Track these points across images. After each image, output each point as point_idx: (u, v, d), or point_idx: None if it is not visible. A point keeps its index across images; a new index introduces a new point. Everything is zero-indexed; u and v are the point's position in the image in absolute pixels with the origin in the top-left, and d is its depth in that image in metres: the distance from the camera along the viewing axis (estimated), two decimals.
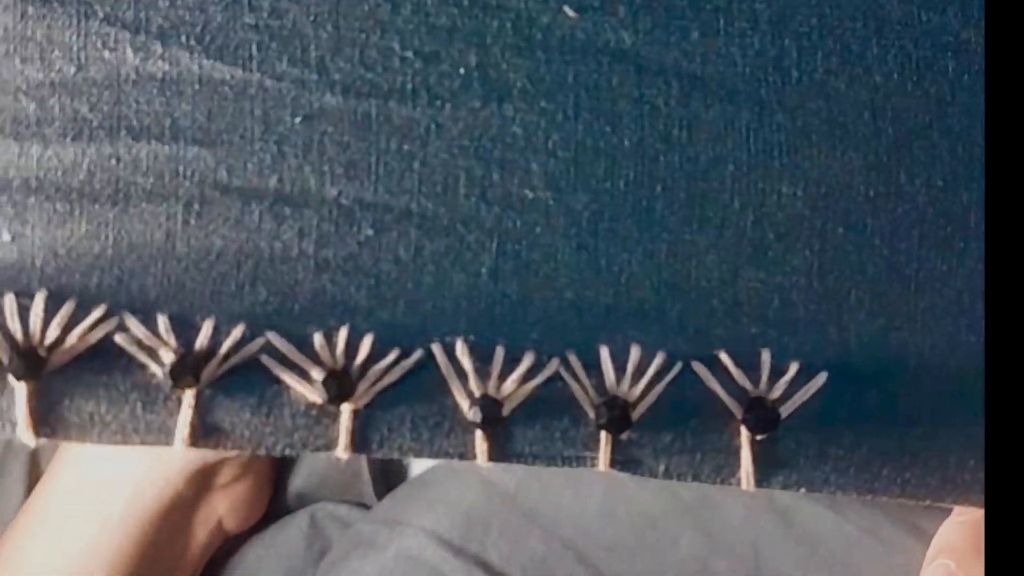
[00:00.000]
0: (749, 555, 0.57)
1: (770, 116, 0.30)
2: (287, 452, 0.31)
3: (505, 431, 0.30)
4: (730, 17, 0.30)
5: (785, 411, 0.31)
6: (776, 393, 0.31)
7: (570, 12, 0.30)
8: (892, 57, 0.31)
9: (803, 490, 0.31)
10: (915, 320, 0.31)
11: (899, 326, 0.31)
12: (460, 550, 0.58)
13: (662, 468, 0.31)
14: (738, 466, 0.31)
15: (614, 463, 0.31)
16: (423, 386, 0.30)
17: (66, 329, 0.30)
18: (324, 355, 0.30)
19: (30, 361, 0.30)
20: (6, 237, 0.30)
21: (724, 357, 0.31)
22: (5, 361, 0.30)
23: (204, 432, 0.30)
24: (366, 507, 0.63)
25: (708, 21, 0.30)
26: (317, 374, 0.30)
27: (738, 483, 0.31)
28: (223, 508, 0.59)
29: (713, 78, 0.30)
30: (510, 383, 0.30)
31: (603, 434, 0.30)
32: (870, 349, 0.31)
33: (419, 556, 0.59)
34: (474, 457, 0.31)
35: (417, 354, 0.30)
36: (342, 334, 0.30)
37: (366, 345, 0.30)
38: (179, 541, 0.59)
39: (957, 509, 0.40)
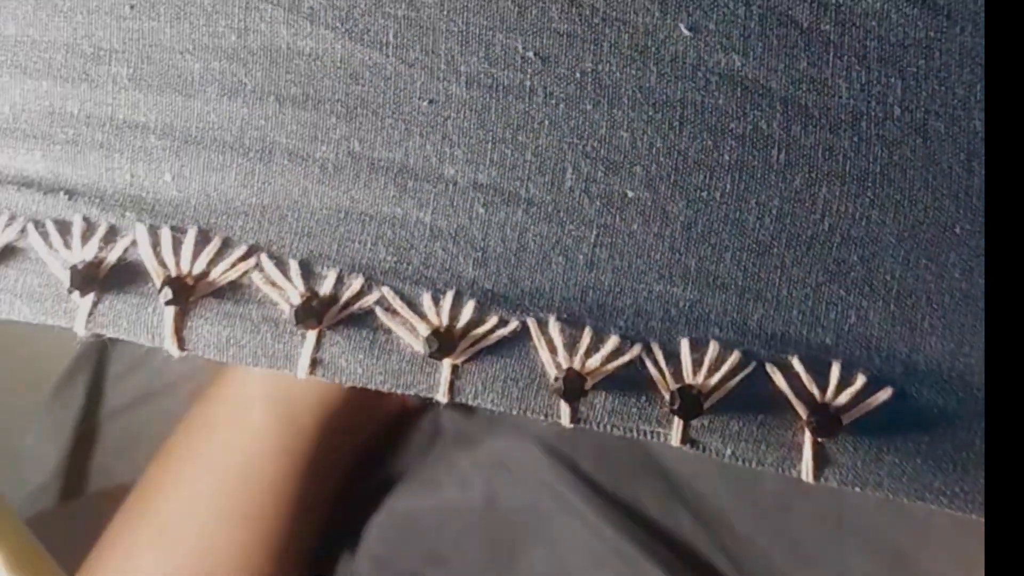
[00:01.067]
0: (832, 501, 0.59)
1: (868, 147, 0.32)
2: (393, 390, 0.35)
3: (587, 400, 0.33)
4: (840, 51, 0.32)
5: (847, 419, 0.33)
6: (842, 401, 0.33)
7: (685, 30, 0.32)
8: None
9: (857, 489, 0.34)
10: (982, 349, 0.32)
11: (967, 353, 0.32)
12: (553, 450, 0.62)
13: (729, 451, 0.34)
14: (799, 459, 0.33)
15: (685, 441, 0.34)
16: (517, 352, 0.33)
17: (211, 263, 0.34)
18: (430, 314, 0.34)
19: (179, 288, 0.34)
20: (168, 177, 0.34)
21: (796, 363, 0.33)
22: (158, 286, 0.34)
23: (322, 364, 0.34)
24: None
25: (818, 52, 0.32)
26: (423, 329, 0.33)
27: (798, 474, 0.34)
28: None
29: (817, 106, 0.32)
30: (594, 360, 0.33)
31: (675, 417, 0.33)
32: (936, 371, 0.32)
33: (511, 452, 0.63)
34: (558, 418, 0.34)
35: (513, 324, 0.33)
36: (448, 297, 0.33)
37: (468, 309, 0.33)
38: (358, 418, 0.65)
39: None
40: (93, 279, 0.34)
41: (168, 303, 0.34)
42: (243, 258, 0.34)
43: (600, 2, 0.32)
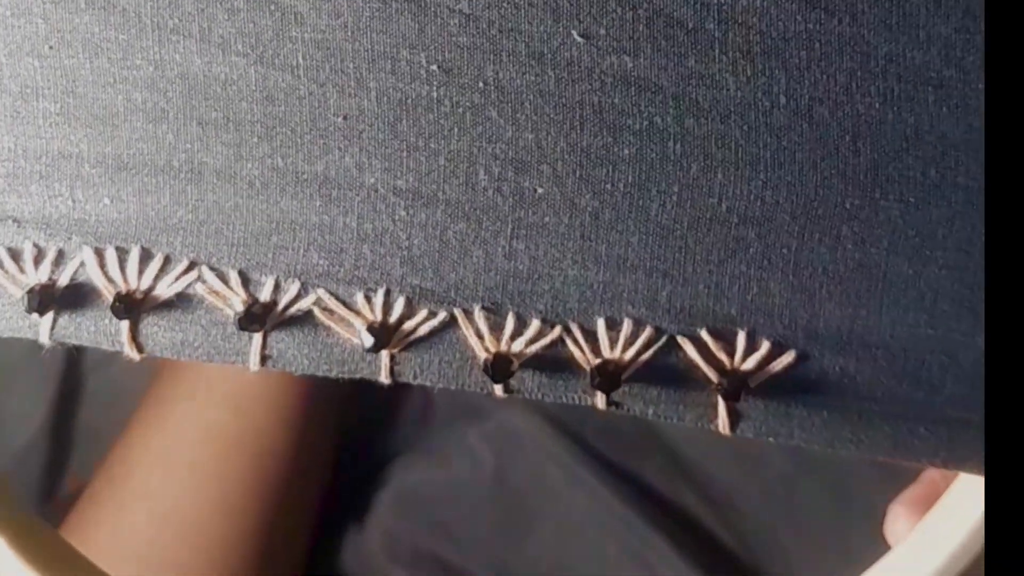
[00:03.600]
0: (836, 478, 0.62)
1: (758, 135, 0.33)
2: (339, 376, 0.37)
3: (517, 375, 0.36)
4: (725, 47, 0.33)
5: (754, 381, 0.35)
6: (748, 366, 0.35)
7: (577, 37, 0.33)
8: (875, 89, 0.33)
9: (771, 440, 0.37)
10: (879, 313, 0.35)
11: (864, 316, 0.35)
12: (561, 424, 0.64)
13: (650, 411, 0.36)
14: (716, 416, 0.36)
15: (609, 405, 0.36)
16: (447, 340, 0.36)
17: (156, 279, 0.37)
18: (364, 311, 0.36)
19: (129, 303, 0.36)
20: (107, 201, 0.36)
21: (704, 334, 0.35)
22: (109, 301, 0.37)
23: (272, 359, 0.37)
24: None
25: (704, 50, 0.33)
26: (359, 325, 0.36)
27: (715, 428, 0.37)
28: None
29: (707, 100, 0.33)
30: (519, 343, 0.36)
31: (596, 389, 0.36)
32: (836, 334, 0.35)
33: (520, 426, 0.65)
34: (492, 392, 0.36)
35: (441, 315, 0.36)
36: (379, 294, 0.36)
37: (399, 305, 0.36)
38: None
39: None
40: (50, 299, 0.37)
41: (120, 317, 0.36)
42: (185, 271, 0.36)
43: (495, 14, 0.34)
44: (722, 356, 0.35)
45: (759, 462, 0.63)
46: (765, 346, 0.35)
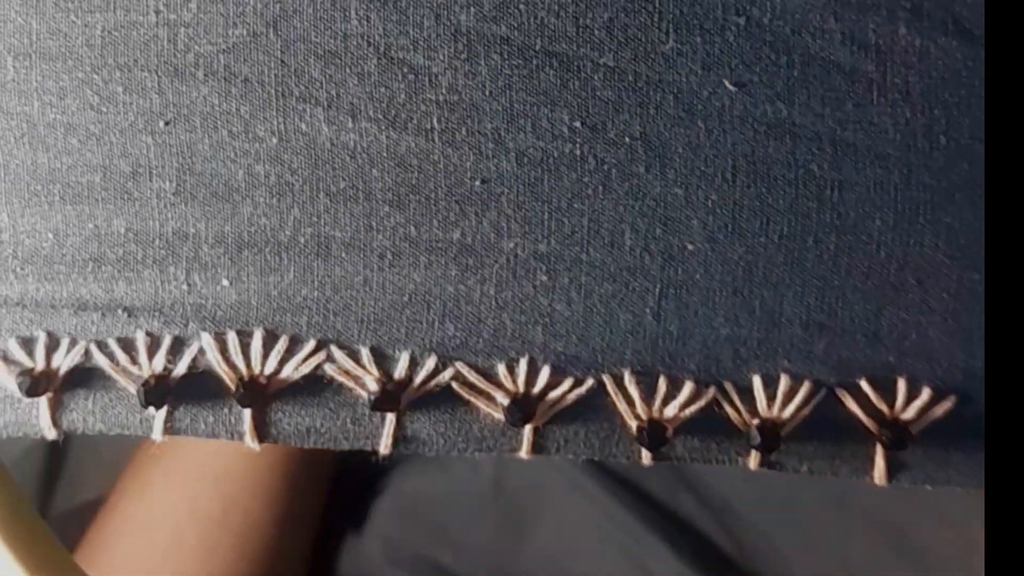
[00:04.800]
0: (834, 483, 0.61)
1: (917, 178, 0.33)
2: (476, 453, 0.36)
3: (667, 443, 0.35)
4: (883, 90, 0.32)
5: (915, 429, 0.34)
6: (910, 415, 0.34)
7: (729, 86, 0.32)
8: None
9: (928, 487, 0.35)
10: None
11: None
12: None
13: (805, 468, 0.35)
14: (872, 467, 0.35)
15: (763, 465, 0.35)
16: (595, 408, 0.34)
17: (282, 361, 0.34)
18: (507, 383, 0.34)
19: (252, 390, 0.34)
20: (225, 283, 0.34)
21: (864, 384, 0.34)
22: (232, 390, 0.34)
23: (403, 441, 0.35)
24: None
25: (862, 93, 0.32)
26: (502, 398, 0.34)
27: (870, 480, 0.35)
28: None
29: (864, 144, 0.32)
30: (672, 408, 0.34)
31: (753, 450, 0.34)
32: None
33: None
34: (639, 461, 0.35)
35: (589, 382, 0.34)
36: (522, 364, 0.34)
37: (544, 375, 0.34)
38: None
39: None
40: (165, 392, 0.34)
41: (244, 405, 0.34)
42: (313, 352, 0.34)
43: (642, 67, 0.32)
44: (882, 406, 0.34)
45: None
46: (926, 392, 0.34)
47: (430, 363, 0.34)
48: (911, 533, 0.59)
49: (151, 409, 0.35)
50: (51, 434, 0.35)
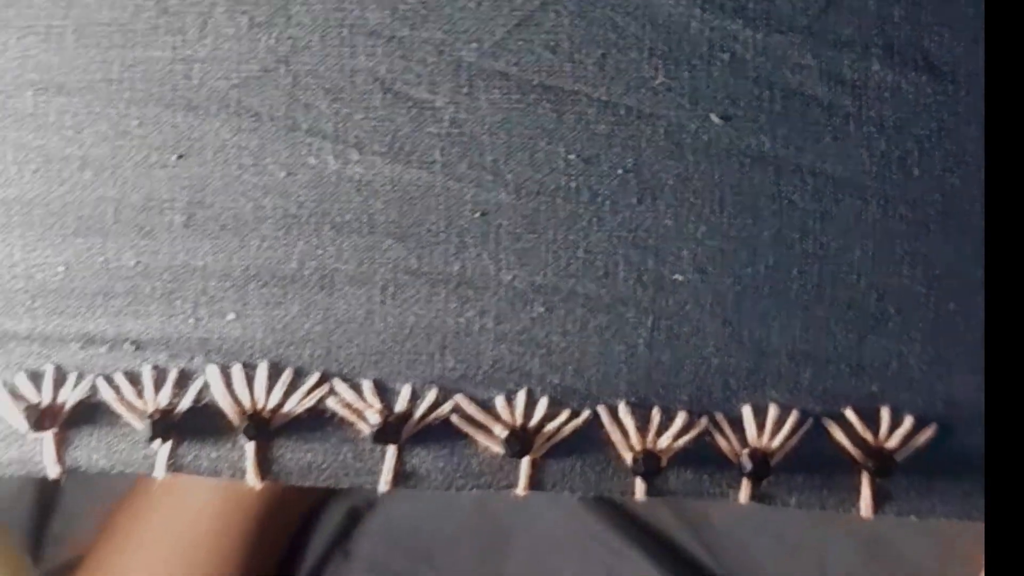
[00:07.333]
0: None
1: (894, 208, 0.35)
2: (472, 490, 0.36)
3: (661, 477, 0.35)
4: (859, 123, 0.34)
5: (899, 456, 0.35)
6: (893, 443, 0.35)
7: (716, 119, 0.34)
8: None
9: (913, 517, 0.36)
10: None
11: None
12: None
13: (793, 500, 0.36)
14: (858, 499, 0.36)
15: (753, 498, 0.36)
16: (590, 439, 0.35)
17: (286, 395, 0.35)
18: (505, 415, 0.35)
19: (257, 423, 0.35)
20: (231, 316, 0.35)
21: (849, 413, 0.35)
22: (236, 423, 0.35)
23: (403, 476, 0.36)
24: None
25: (840, 126, 0.34)
26: (500, 431, 0.35)
27: (858, 512, 0.36)
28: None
29: (843, 176, 0.34)
30: (665, 439, 0.35)
31: (745, 480, 0.35)
32: (972, 402, 0.35)
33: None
34: (633, 495, 0.36)
35: (585, 413, 0.35)
36: (520, 396, 0.35)
37: (542, 406, 0.35)
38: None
39: None
40: (171, 426, 0.35)
41: (250, 438, 0.35)
42: (317, 385, 0.35)
43: (633, 100, 0.34)
44: (867, 435, 0.35)
45: None
46: (908, 421, 0.35)
47: (431, 396, 0.35)
48: (888, 541, 0.60)
49: (154, 446, 0.35)
50: (54, 471, 0.36)
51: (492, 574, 0.65)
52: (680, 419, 0.35)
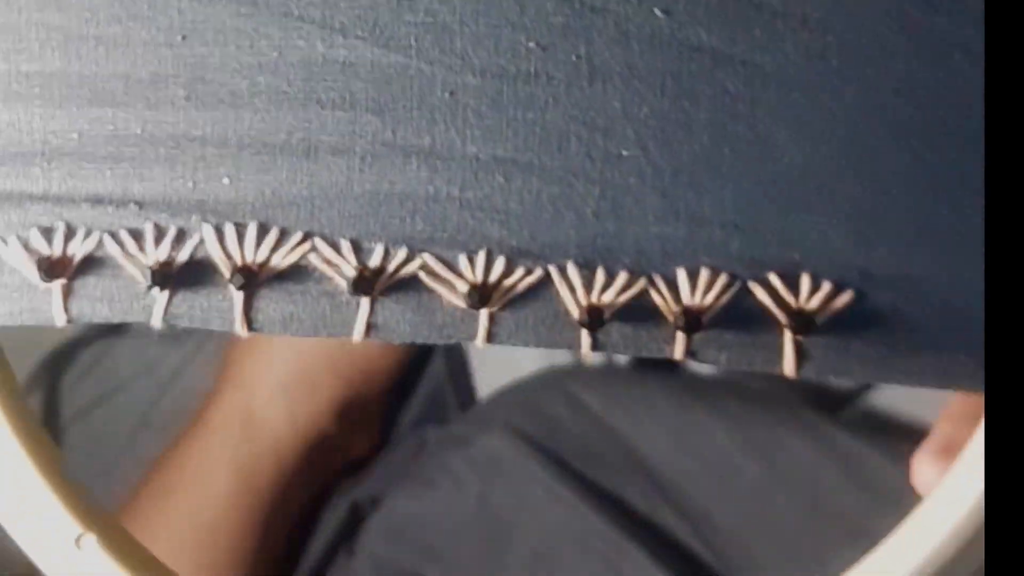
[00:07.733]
0: (809, 488, 0.66)
1: (815, 95, 0.39)
2: (437, 342, 0.41)
3: (604, 330, 0.40)
4: (786, 19, 0.39)
5: (818, 319, 0.40)
6: (813, 305, 0.40)
7: (659, 13, 0.39)
8: (917, 46, 0.39)
9: (831, 377, 0.41)
10: (927, 255, 0.40)
11: (912, 257, 0.40)
12: (541, 447, 0.68)
13: (724, 358, 0.40)
14: (781, 358, 0.40)
15: (687, 354, 0.40)
16: (542, 297, 0.40)
17: (272, 251, 0.40)
18: (467, 272, 0.40)
19: (246, 275, 0.39)
20: (226, 181, 0.40)
21: (773, 278, 0.40)
22: (227, 276, 0.40)
23: (376, 328, 0.40)
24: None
25: (768, 21, 0.39)
26: (462, 286, 0.40)
27: (781, 371, 0.41)
28: (354, 439, 0.70)
29: (771, 65, 0.39)
30: (609, 295, 0.40)
31: (679, 334, 0.40)
32: (887, 273, 0.40)
33: (502, 451, 0.68)
34: (579, 348, 0.40)
35: (538, 272, 0.40)
36: (481, 256, 0.40)
37: (499, 265, 0.40)
38: (320, 468, 0.70)
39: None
40: (169, 276, 0.39)
41: (239, 288, 0.39)
42: (300, 243, 0.40)
43: None
44: (789, 297, 0.40)
45: (735, 478, 0.66)
46: (827, 286, 0.40)
47: (401, 254, 0.40)
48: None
49: (152, 295, 0.40)
50: (61, 320, 0.40)
51: (495, 570, 0.67)
52: (621, 278, 0.40)
